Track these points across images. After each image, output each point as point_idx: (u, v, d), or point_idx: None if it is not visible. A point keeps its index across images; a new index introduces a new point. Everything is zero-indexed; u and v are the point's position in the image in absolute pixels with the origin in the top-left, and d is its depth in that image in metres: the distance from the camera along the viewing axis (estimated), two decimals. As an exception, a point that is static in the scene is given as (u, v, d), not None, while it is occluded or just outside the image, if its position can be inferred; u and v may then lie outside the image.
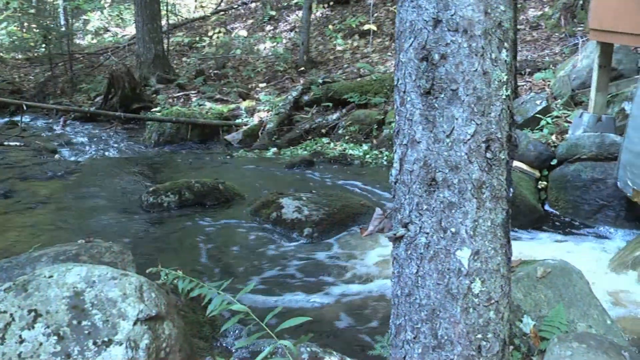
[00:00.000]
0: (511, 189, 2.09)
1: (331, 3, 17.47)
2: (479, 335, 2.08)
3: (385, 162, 9.08)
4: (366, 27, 15.01)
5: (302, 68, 14.29)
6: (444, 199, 1.99)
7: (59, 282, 2.73)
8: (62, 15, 18.86)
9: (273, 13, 18.57)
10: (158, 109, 12.37)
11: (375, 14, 15.93)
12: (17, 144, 10.43)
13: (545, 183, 6.73)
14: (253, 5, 19.91)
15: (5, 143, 10.38)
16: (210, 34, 17.96)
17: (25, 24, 19.86)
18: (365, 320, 4.49)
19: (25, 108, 12.86)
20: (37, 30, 18.16)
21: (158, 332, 2.77)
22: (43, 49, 17.85)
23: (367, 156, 9.45)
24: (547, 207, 6.61)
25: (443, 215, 2.00)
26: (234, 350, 3.70)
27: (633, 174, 5.57)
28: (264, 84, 14.00)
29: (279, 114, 11.30)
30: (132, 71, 13.76)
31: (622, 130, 6.25)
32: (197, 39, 18.14)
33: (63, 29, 18.13)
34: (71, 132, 12.14)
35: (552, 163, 6.70)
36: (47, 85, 16.18)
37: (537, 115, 7.92)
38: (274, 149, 10.26)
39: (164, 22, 16.41)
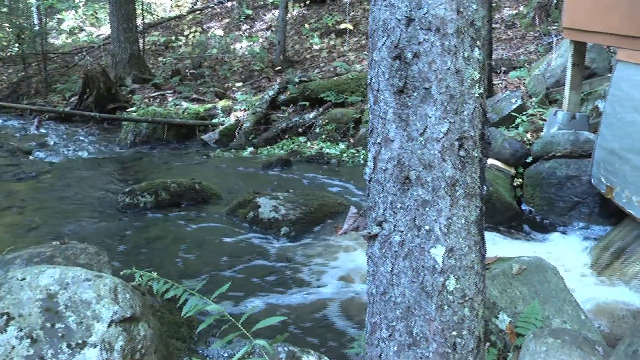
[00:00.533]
0: (485, 187, 2.10)
1: (307, 2, 17.47)
2: (454, 333, 2.09)
3: (362, 161, 9.09)
4: (342, 26, 15.03)
5: (279, 67, 14.27)
6: (417, 197, 1.99)
7: (32, 284, 2.70)
8: (35, 14, 18.65)
9: (249, 12, 18.53)
10: (134, 109, 12.27)
11: (352, 13, 15.96)
12: (-10, 145, 10.31)
13: (520, 180, 6.77)
14: (229, 4, 19.85)
15: (-22, 144, 10.26)
16: (186, 33, 17.87)
17: (-2, 23, 19.63)
18: (342, 319, 4.49)
19: (-2, 109, 12.73)
20: (10, 30, 17.93)
21: (133, 334, 2.75)
22: (16, 49, 17.65)
23: (344, 155, 9.46)
24: (522, 205, 6.65)
25: (417, 213, 2.00)
26: (210, 351, 3.68)
27: (606, 171, 5.63)
28: (241, 84, 13.96)
29: (255, 113, 11.27)
30: (107, 71, 13.63)
31: (595, 128, 6.32)
32: (173, 38, 18.04)
33: (37, 28, 17.92)
34: (46, 132, 12.01)
35: (528, 160, 6.75)
36: (20, 85, 16.00)
37: (513, 113, 7.97)
38: (251, 149, 10.23)
39: (139, 21, 16.29)
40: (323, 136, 10.30)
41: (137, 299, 2.90)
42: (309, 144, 10.19)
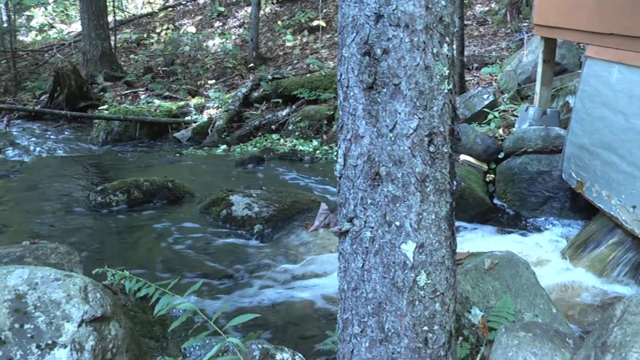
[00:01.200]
0: (455, 182, 2.11)
1: (280, -1, 17.46)
2: (425, 328, 2.10)
3: (335, 158, 9.09)
4: (315, 22, 15.03)
5: (252, 64, 14.23)
6: (388, 193, 1.99)
7: (0, 285, 2.66)
8: (3, 10, 18.39)
9: (222, 9, 18.46)
10: (106, 107, 12.18)
11: (324, 10, 15.96)
12: (-41, 144, 10.17)
13: (493, 176, 6.82)
14: (201, 1, 19.76)
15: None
16: (158, 30, 17.76)
17: (-34, 20, 19.32)
18: (316, 316, 4.49)
19: (-34, 107, 12.54)
20: (-22, 27, 17.69)
21: (104, 333, 2.72)
22: (-16, 47, 17.41)
23: (317, 152, 9.46)
24: (495, 200, 6.70)
25: (387, 209, 2.01)
26: (183, 350, 3.66)
27: (577, 166, 5.69)
28: (213, 81, 13.90)
29: (228, 110, 11.23)
30: (78, 69, 13.49)
31: (566, 124, 6.38)
32: (145, 35, 17.93)
33: (5, 25, 17.69)
34: (16, 131, 11.86)
35: (500, 156, 6.80)
36: (-11, 83, 15.80)
37: (485, 109, 8.03)
38: (224, 146, 10.19)
39: (110, 18, 16.16)
40: (296, 133, 10.29)
41: (108, 298, 2.87)
42: (282, 141, 10.18)
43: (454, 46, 2.06)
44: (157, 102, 12.55)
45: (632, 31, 4.82)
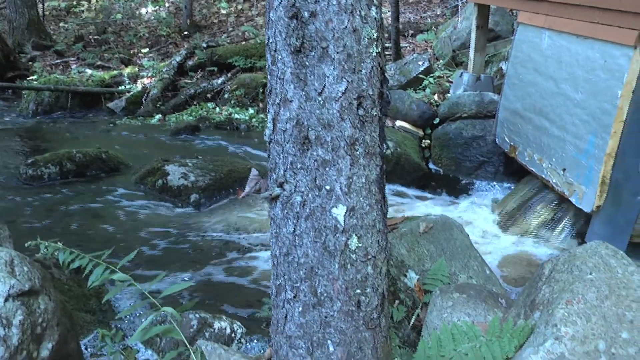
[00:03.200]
0: (385, 145, 2.11)
1: (214, -35, 17.15)
2: (358, 291, 2.11)
3: (272, 126, 9.01)
4: (250, -11, 14.86)
5: (186, 32, 14.00)
6: (317, 157, 1.98)
7: None
8: None
9: (154, -24, 18.06)
10: (35, 77, 11.79)
11: (260, -23, 15.77)
12: None
13: (428, 141, 6.90)
14: (133, -33, 19.27)
15: None
16: (88, -3, 17.28)
17: None
18: (253, 284, 4.50)
19: None
20: None
21: (33, 307, 2.66)
22: None
23: (253, 120, 9.39)
24: (430, 165, 6.79)
25: (317, 173, 1.99)
26: (121, 322, 3.62)
27: (510, 131, 5.79)
28: (147, 50, 13.62)
29: (162, 79, 11.02)
30: (4, 37, 13.01)
31: (499, 89, 6.48)
32: (75, 3, 17.39)
33: None
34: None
35: (435, 122, 6.88)
36: None
37: (420, 75, 8.09)
38: (159, 116, 10.01)
39: (38, -15, 15.61)
40: (232, 101, 10.17)
41: (37, 272, 2.81)
42: (218, 109, 10.06)
43: (384, 10, 2.04)
44: (89, 71, 12.22)
45: (561, -4, 4.90)
